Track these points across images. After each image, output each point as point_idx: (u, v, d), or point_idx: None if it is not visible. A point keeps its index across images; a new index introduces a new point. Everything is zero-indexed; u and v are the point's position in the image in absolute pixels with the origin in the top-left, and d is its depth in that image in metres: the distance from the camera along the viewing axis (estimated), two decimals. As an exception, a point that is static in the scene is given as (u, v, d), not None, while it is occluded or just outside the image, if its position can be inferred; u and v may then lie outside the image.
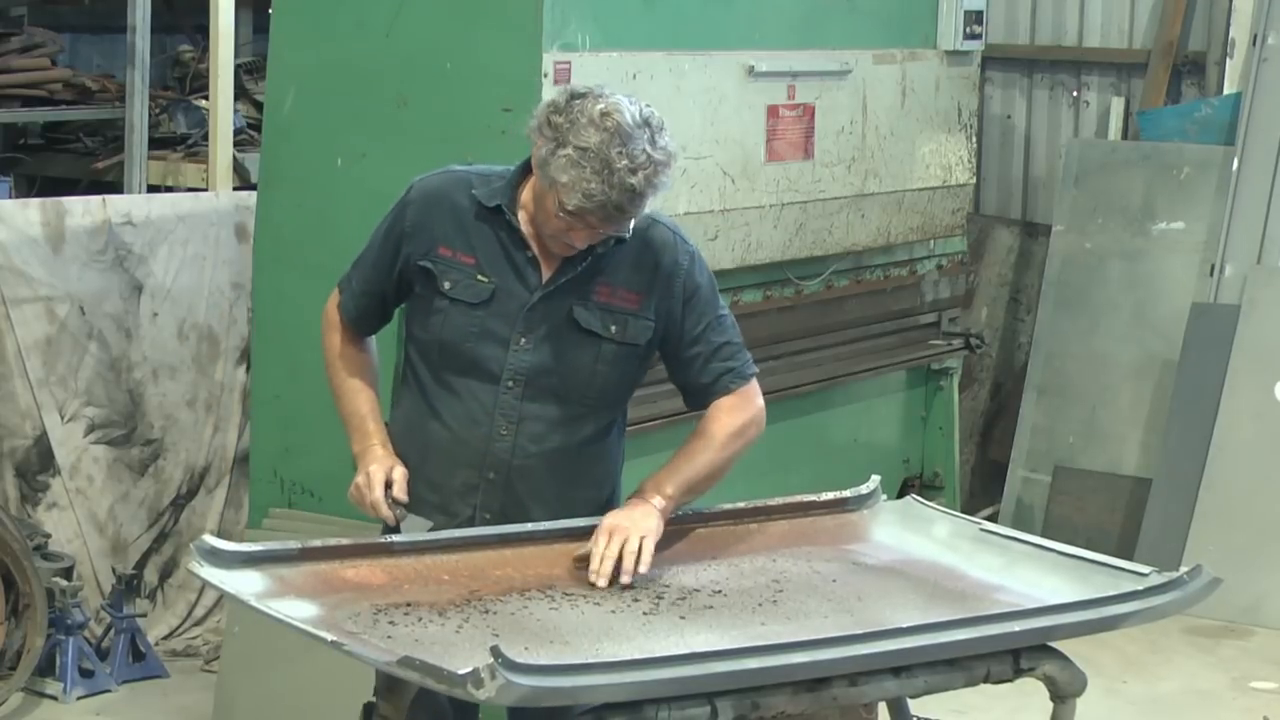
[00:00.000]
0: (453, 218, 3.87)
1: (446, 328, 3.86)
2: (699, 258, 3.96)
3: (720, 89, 5.67)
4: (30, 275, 6.25)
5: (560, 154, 3.65)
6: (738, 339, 4.01)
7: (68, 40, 8.36)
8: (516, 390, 3.84)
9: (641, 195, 3.68)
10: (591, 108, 3.66)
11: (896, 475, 6.76)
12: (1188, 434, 7.23)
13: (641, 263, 3.87)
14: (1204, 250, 7.55)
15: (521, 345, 3.83)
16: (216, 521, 6.65)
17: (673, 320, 3.91)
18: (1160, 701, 6.26)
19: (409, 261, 3.90)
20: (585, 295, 3.84)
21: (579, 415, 3.89)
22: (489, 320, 3.84)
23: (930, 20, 6.58)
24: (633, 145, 3.64)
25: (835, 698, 3.37)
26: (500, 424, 3.85)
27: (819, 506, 4.13)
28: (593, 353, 3.85)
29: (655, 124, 3.70)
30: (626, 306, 3.86)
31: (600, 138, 3.63)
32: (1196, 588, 3.69)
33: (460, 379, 3.87)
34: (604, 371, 3.87)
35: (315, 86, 5.40)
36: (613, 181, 3.63)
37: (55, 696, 5.94)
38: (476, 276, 3.84)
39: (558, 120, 3.68)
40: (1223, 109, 7.64)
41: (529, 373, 3.84)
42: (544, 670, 3.07)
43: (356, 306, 4.02)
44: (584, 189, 3.63)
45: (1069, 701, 3.60)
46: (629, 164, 3.63)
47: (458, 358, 3.86)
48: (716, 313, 3.96)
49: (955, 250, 6.92)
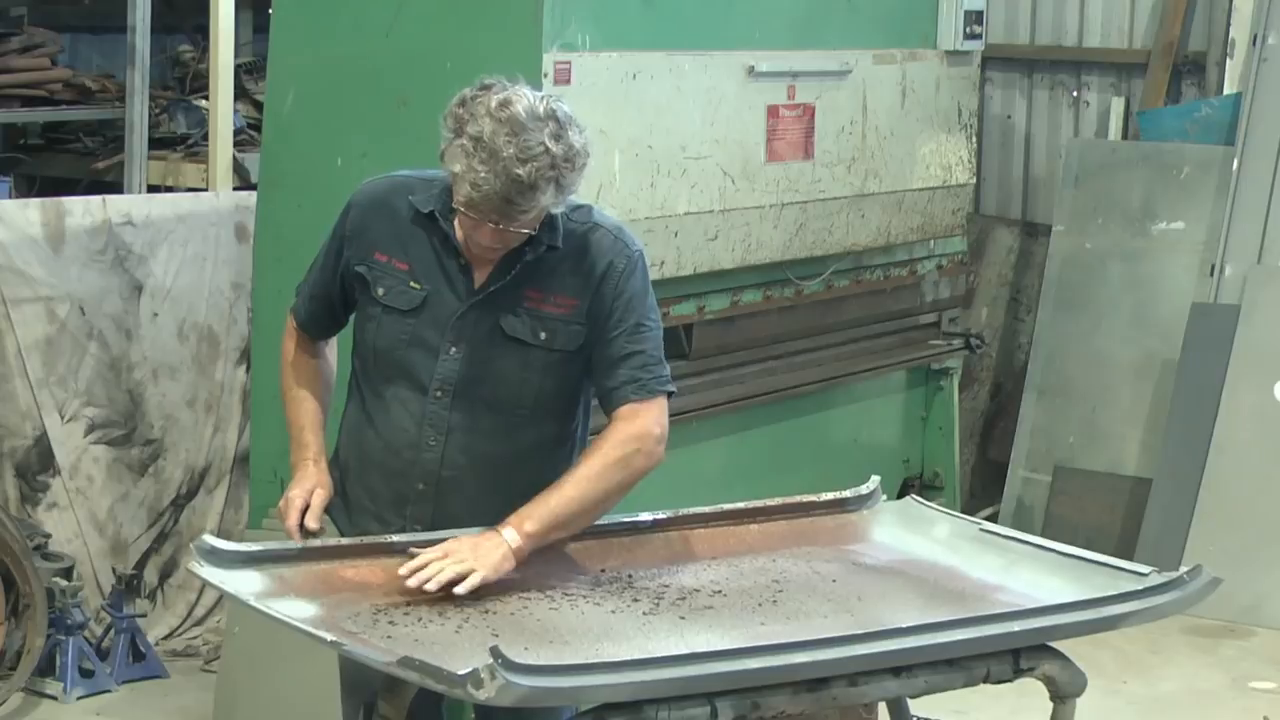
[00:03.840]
0: (390, 223, 3.81)
1: (380, 335, 3.80)
2: (639, 261, 3.80)
3: (720, 89, 5.67)
4: (30, 275, 6.25)
5: (455, 144, 3.59)
6: (656, 352, 3.80)
7: (68, 40, 8.36)
8: (445, 400, 3.77)
9: (531, 188, 3.55)
10: (491, 99, 3.59)
11: (896, 475, 6.77)
12: (1188, 434, 7.23)
13: (579, 268, 3.76)
14: (1204, 250, 7.55)
15: (451, 354, 3.76)
16: (216, 521, 6.65)
17: (597, 322, 3.76)
18: (1160, 701, 6.25)
19: (348, 266, 3.85)
20: (516, 302, 3.75)
21: (514, 425, 3.79)
22: (420, 328, 3.77)
23: (930, 20, 6.58)
24: (526, 136, 3.54)
25: (835, 698, 3.37)
26: (429, 434, 3.78)
27: (819, 507, 4.13)
28: (520, 360, 3.75)
29: (563, 119, 3.59)
30: (557, 312, 3.75)
31: (493, 127, 3.54)
32: (1196, 588, 3.69)
33: (391, 387, 3.81)
34: (535, 380, 3.77)
35: (315, 86, 5.40)
36: (498, 170, 3.52)
37: (55, 696, 5.94)
38: (409, 283, 3.77)
39: (459, 111, 3.62)
40: (1223, 109, 7.63)
41: (458, 382, 3.76)
42: (544, 670, 3.07)
43: (307, 310, 3.99)
44: (472, 179, 3.55)
45: (1069, 701, 3.60)
46: (517, 153, 3.52)
47: (389, 366, 3.81)
48: (640, 319, 3.78)
49: (955, 250, 6.92)
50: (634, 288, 3.77)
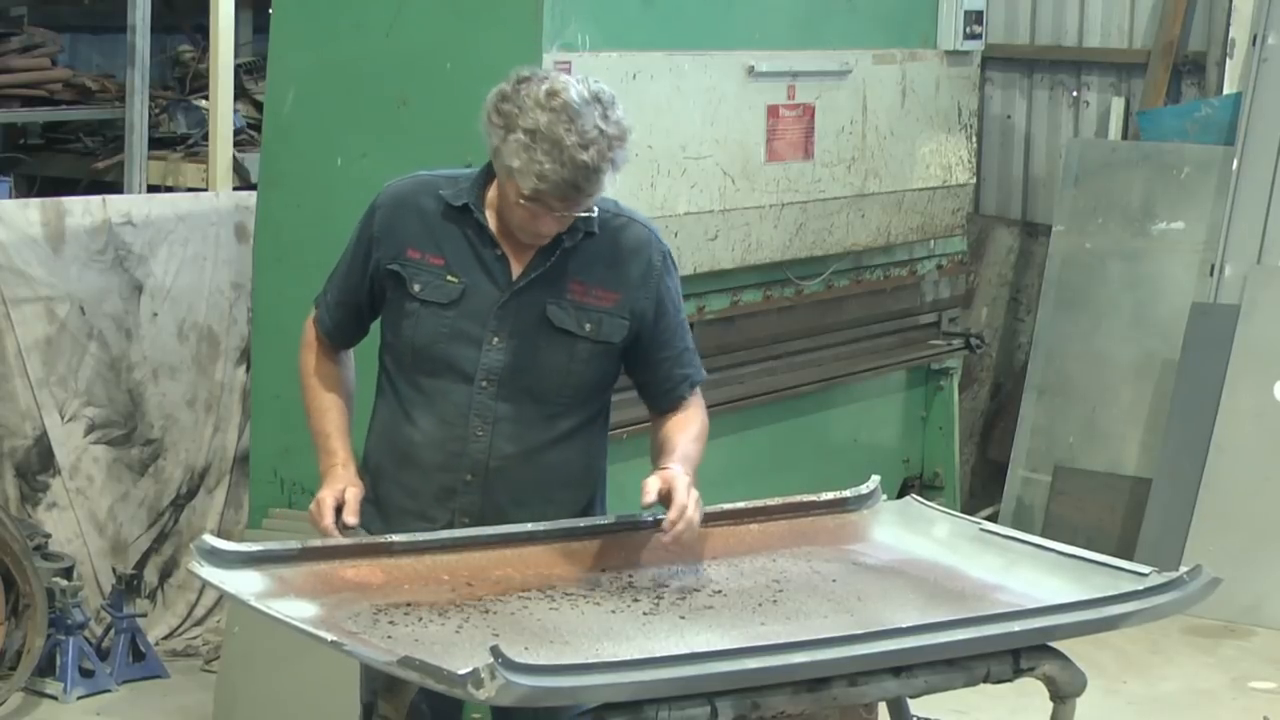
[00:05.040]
0: (420, 220, 3.84)
1: (418, 330, 3.82)
2: (671, 257, 3.93)
3: (720, 89, 5.67)
4: (30, 275, 6.25)
5: (510, 139, 3.61)
6: (693, 343, 4.01)
7: (68, 40, 8.36)
8: (491, 390, 3.80)
9: (597, 171, 3.62)
10: (537, 89, 3.62)
11: (896, 475, 6.77)
12: (1188, 434, 7.23)
13: (616, 260, 3.83)
14: (1204, 250, 7.55)
15: (494, 344, 3.80)
16: (216, 521, 6.66)
17: (645, 321, 3.86)
18: (1160, 701, 6.26)
19: (379, 267, 3.86)
20: (559, 293, 3.80)
21: (554, 414, 3.85)
22: (460, 320, 3.80)
23: (930, 20, 6.58)
24: (582, 121, 3.59)
25: (835, 698, 3.37)
26: (476, 425, 3.81)
27: (819, 506, 4.13)
28: (567, 352, 3.82)
29: (606, 99, 3.65)
30: (601, 305, 3.82)
31: (548, 117, 3.59)
32: (1196, 588, 3.69)
33: (433, 381, 3.83)
34: (579, 370, 3.84)
35: (315, 86, 5.41)
36: (564, 159, 3.58)
37: (55, 696, 5.95)
38: (446, 277, 3.80)
39: (505, 107, 3.64)
40: (1223, 109, 7.64)
41: (503, 372, 3.80)
42: (544, 670, 3.07)
43: (332, 319, 3.98)
44: (537, 171, 3.59)
45: (1069, 701, 3.59)
46: (579, 140, 3.58)
47: (430, 360, 3.83)
48: (681, 314, 3.94)
49: (955, 250, 6.93)
50: (674, 284, 3.92)
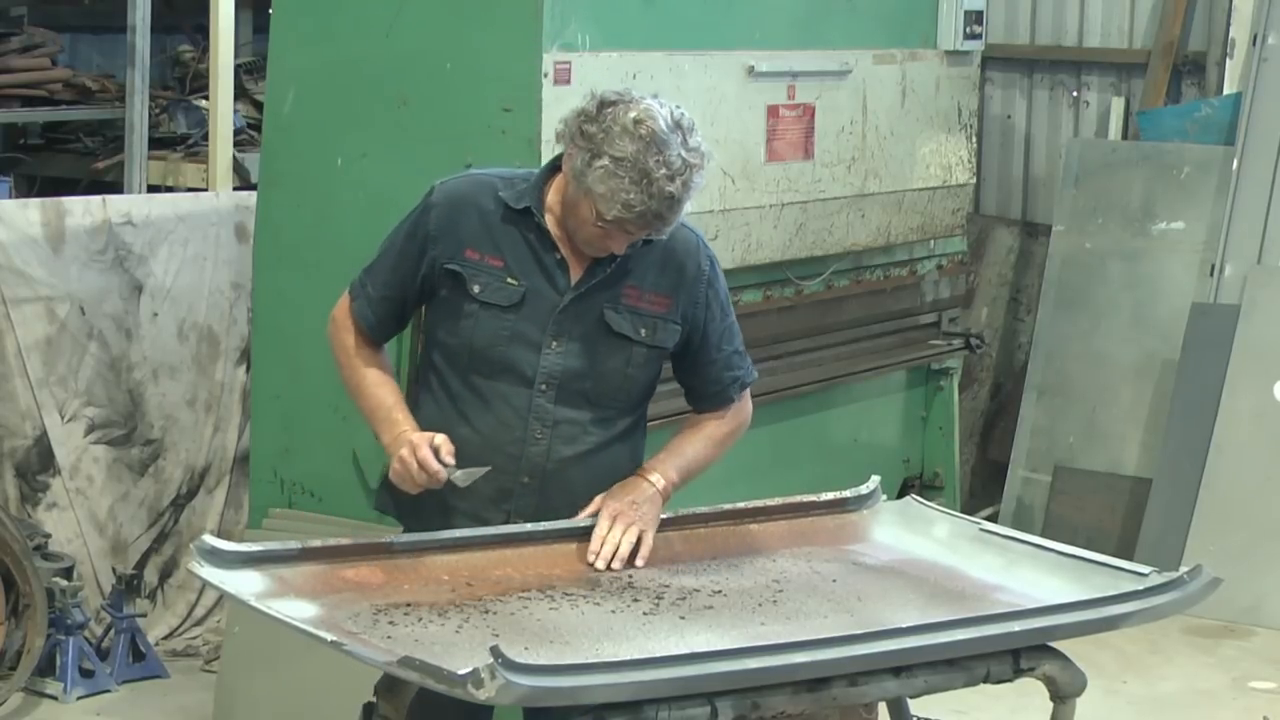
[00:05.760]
0: (479, 220, 3.84)
1: (478, 332, 3.83)
2: (717, 262, 3.98)
3: (720, 89, 5.66)
4: (30, 275, 6.25)
5: (597, 165, 3.64)
6: (743, 344, 4.05)
7: (68, 40, 8.36)
8: (550, 394, 3.84)
9: (680, 201, 3.69)
10: (624, 115, 3.65)
11: (896, 475, 6.76)
12: (1188, 434, 7.23)
13: (667, 265, 3.88)
14: (1204, 250, 7.55)
15: (553, 348, 3.83)
16: (216, 521, 6.65)
17: (696, 325, 3.93)
18: (1160, 701, 6.25)
19: (434, 265, 3.86)
20: (615, 298, 3.85)
21: (608, 417, 3.90)
22: (519, 323, 3.82)
23: (930, 20, 6.58)
24: (669, 152, 3.64)
25: (835, 698, 3.37)
26: (535, 427, 3.85)
27: (819, 507, 4.13)
28: (624, 356, 3.86)
29: (686, 125, 3.70)
30: (655, 310, 3.87)
31: (636, 146, 3.63)
32: (1197, 588, 3.69)
33: (490, 383, 3.85)
34: (634, 374, 3.89)
35: (315, 86, 5.40)
36: (652, 191, 3.63)
37: (55, 696, 5.94)
38: (506, 279, 3.82)
39: (591, 130, 3.67)
40: (1223, 109, 7.64)
41: (562, 376, 3.84)
42: (543, 670, 3.07)
43: (374, 312, 3.95)
44: (623, 200, 3.64)
45: (1069, 702, 3.60)
46: (667, 172, 3.64)
47: (488, 362, 3.84)
48: (730, 317, 4.00)
49: (955, 250, 6.92)
50: (723, 288, 4.00)
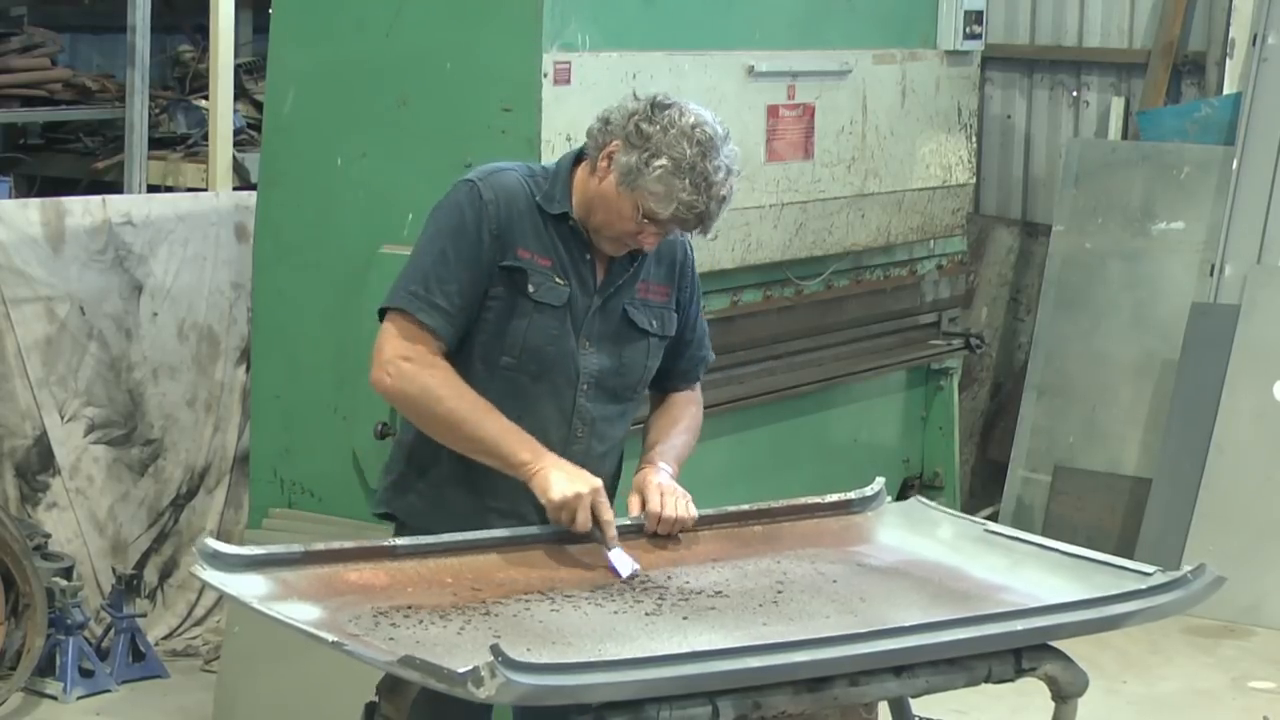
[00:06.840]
0: (529, 219, 3.84)
1: (532, 331, 3.82)
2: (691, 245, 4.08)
3: (720, 89, 5.66)
4: (30, 275, 6.25)
5: (656, 165, 3.69)
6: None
7: (68, 40, 8.36)
8: (589, 393, 3.89)
9: (728, 201, 3.79)
10: (681, 119, 3.73)
11: (897, 475, 6.76)
12: (1188, 434, 7.23)
13: (661, 255, 3.97)
14: (1204, 250, 7.55)
15: (587, 348, 3.87)
16: (216, 521, 6.65)
17: (684, 309, 4.03)
18: (1160, 701, 6.26)
19: (495, 264, 3.82)
20: (631, 294, 3.91)
21: (626, 410, 3.99)
22: (566, 323, 3.85)
23: (930, 20, 6.58)
24: (721, 157, 3.74)
25: (836, 697, 3.36)
26: (577, 426, 3.89)
27: (823, 509, 4.13)
28: (644, 350, 3.94)
29: (724, 131, 3.79)
30: (660, 301, 3.96)
31: (694, 151, 3.70)
32: (1199, 587, 3.68)
33: (539, 384, 3.86)
34: (650, 366, 3.98)
35: (315, 86, 5.40)
36: (709, 194, 3.72)
37: (55, 696, 5.94)
38: (555, 279, 3.84)
39: (647, 129, 3.72)
40: (1223, 109, 7.64)
41: (598, 375, 3.89)
42: (544, 669, 3.06)
43: (454, 326, 3.80)
44: (681, 199, 3.70)
45: (1070, 701, 3.59)
46: (722, 176, 3.73)
47: (541, 362, 3.84)
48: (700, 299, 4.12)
49: (955, 250, 6.92)
50: (695, 270, 4.09)
